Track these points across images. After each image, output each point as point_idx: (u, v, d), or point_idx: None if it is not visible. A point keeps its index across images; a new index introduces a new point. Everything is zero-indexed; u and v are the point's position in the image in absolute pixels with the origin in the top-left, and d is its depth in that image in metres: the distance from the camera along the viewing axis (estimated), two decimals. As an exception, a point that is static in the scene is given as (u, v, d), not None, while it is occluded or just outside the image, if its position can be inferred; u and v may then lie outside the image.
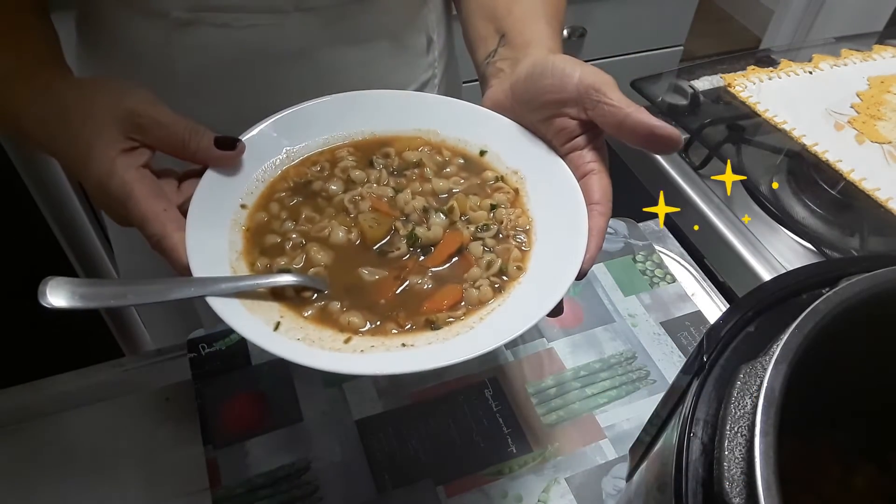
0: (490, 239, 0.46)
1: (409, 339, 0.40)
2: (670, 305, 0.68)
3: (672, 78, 0.98)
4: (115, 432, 0.56)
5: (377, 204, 0.47)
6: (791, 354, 0.29)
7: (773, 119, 0.87)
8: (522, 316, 0.39)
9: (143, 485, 0.53)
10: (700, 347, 0.36)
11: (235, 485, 0.52)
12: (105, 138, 0.40)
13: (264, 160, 0.47)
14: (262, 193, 0.46)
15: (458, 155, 0.51)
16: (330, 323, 0.40)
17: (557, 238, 0.44)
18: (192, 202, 0.41)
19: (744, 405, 0.29)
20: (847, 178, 0.78)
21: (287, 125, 0.49)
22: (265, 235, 0.44)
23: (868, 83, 0.94)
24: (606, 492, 0.53)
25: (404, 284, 0.43)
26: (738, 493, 0.26)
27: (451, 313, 0.42)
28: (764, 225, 0.79)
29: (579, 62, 0.44)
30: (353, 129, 0.51)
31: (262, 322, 0.38)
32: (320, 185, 0.48)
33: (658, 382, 0.61)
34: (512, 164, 0.50)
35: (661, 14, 1.71)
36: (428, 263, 0.44)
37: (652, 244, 0.74)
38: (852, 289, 0.32)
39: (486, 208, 0.48)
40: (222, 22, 0.53)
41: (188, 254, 0.38)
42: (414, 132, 0.52)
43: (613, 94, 0.42)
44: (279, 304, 0.40)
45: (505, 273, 0.44)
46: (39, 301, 0.36)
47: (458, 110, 0.51)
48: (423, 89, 0.67)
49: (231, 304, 0.38)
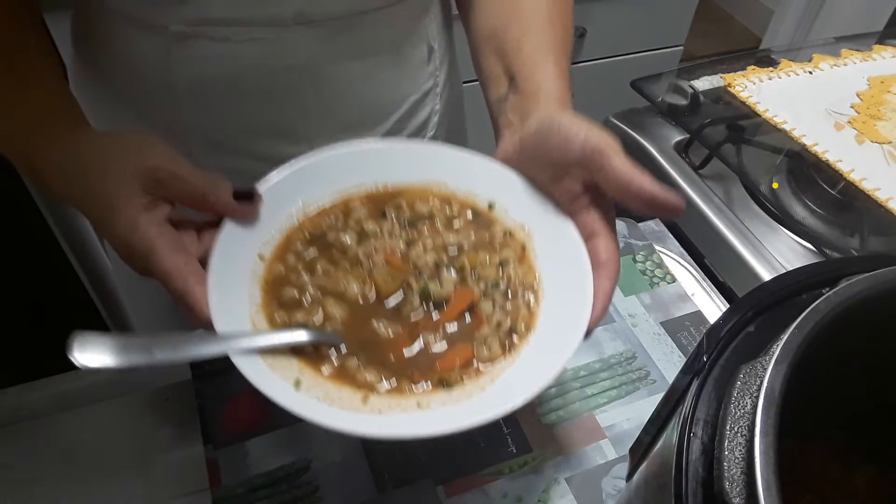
0: (500, 296, 0.46)
1: (423, 400, 0.41)
2: (670, 305, 0.68)
3: (672, 78, 0.98)
4: (115, 432, 0.56)
5: (391, 258, 0.48)
6: (791, 354, 0.29)
7: (773, 119, 0.87)
8: (532, 377, 0.40)
9: (143, 485, 0.53)
10: (700, 347, 0.36)
11: (235, 484, 0.52)
12: (126, 196, 0.41)
13: (280, 210, 0.48)
14: (278, 244, 0.47)
15: (467, 207, 0.52)
16: (348, 380, 0.41)
17: (564, 298, 0.45)
18: (212, 255, 0.42)
19: (744, 405, 0.29)
20: (847, 178, 0.78)
21: (302, 175, 0.49)
22: (283, 288, 0.45)
23: (868, 83, 0.94)
24: (606, 492, 0.53)
25: (418, 341, 0.44)
26: (738, 493, 0.26)
27: (463, 372, 0.42)
28: (764, 225, 0.79)
29: (585, 123, 0.44)
30: (365, 178, 0.52)
31: (282, 379, 0.39)
32: (335, 236, 0.48)
33: (658, 382, 0.61)
34: (519, 218, 0.50)
35: (661, 14, 1.71)
36: (440, 320, 0.45)
37: (652, 244, 0.74)
38: (852, 289, 0.32)
39: (495, 265, 0.48)
40: (221, 36, 0.52)
41: (210, 310, 0.39)
42: (425, 183, 0.52)
43: (616, 160, 0.42)
44: (298, 359, 0.41)
45: (514, 332, 0.45)
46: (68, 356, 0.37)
47: (469, 162, 0.52)
48: (425, 99, 0.67)
49: (253, 361, 0.39)
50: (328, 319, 0.44)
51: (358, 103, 0.61)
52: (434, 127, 0.70)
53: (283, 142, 0.60)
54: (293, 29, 0.53)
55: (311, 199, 0.50)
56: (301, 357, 0.41)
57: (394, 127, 0.64)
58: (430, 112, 0.68)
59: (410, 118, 0.66)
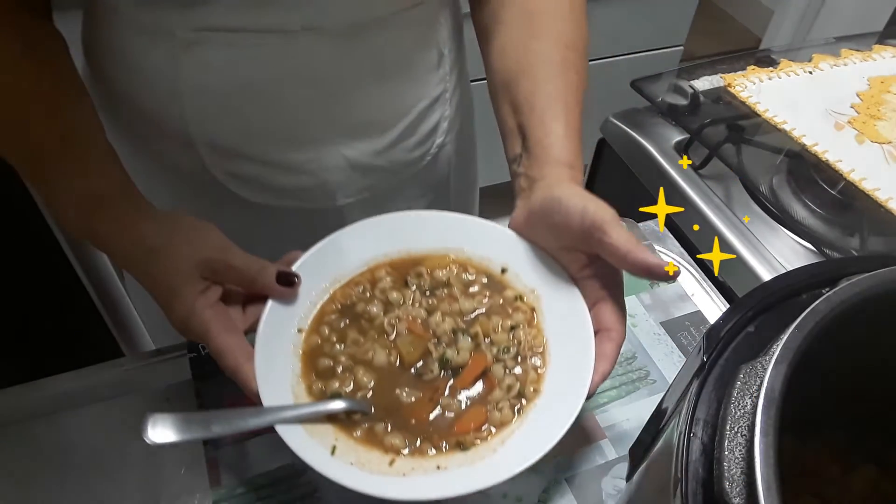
0: (510, 360, 0.51)
1: (442, 462, 0.46)
2: (670, 305, 0.68)
3: (672, 78, 0.98)
4: (115, 432, 0.56)
5: (412, 326, 0.52)
6: (791, 354, 0.29)
7: (773, 119, 0.87)
8: (539, 441, 0.44)
9: (143, 485, 0.53)
10: (700, 347, 0.36)
11: (235, 485, 0.52)
12: (185, 283, 0.46)
13: (316, 283, 0.53)
14: (314, 317, 0.52)
15: (482, 273, 0.57)
16: (376, 444, 0.46)
17: (568, 363, 0.49)
18: (259, 334, 0.47)
19: (744, 405, 0.29)
20: (847, 178, 0.78)
21: (335, 247, 0.54)
22: (319, 359, 0.50)
23: (868, 83, 0.94)
24: (606, 492, 0.53)
25: (437, 407, 0.49)
26: (738, 493, 0.26)
27: (478, 434, 0.47)
28: (764, 225, 0.79)
29: (583, 198, 0.47)
30: (390, 248, 0.57)
31: (320, 446, 0.45)
32: (363, 307, 0.53)
33: (658, 382, 0.61)
34: (530, 282, 0.55)
35: (661, 14, 1.71)
36: (457, 385, 0.50)
37: (652, 244, 0.74)
38: (852, 289, 0.32)
39: (506, 329, 0.53)
40: (229, 42, 0.52)
41: (258, 384, 0.45)
42: (444, 250, 0.57)
43: (614, 233, 0.45)
44: (333, 426, 0.47)
45: (523, 396, 0.49)
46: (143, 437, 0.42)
47: (484, 230, 0.57)
48: (435, 105, 0.66)
49: (295, 431, 0.44)
50: (358, 388, 0.49)
51: (367, 110, 0.60)
52: (444, 133, 0.69)
53: (291, 148, 0.59)
54: (301, 35, 0.53)
55: (342, 269, 0.55)
56: (336, 423, 0.47)
57: (402, 133, 0.64)
58: (439, 118, 0.67)
59: (420, 124, 0.65)
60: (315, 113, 0.58)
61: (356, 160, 0.62)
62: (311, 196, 0.63)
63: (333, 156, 0.61)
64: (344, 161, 0.61)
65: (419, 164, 0.68)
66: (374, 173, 0.64)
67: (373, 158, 0.63)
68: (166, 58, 0.53)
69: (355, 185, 0.64)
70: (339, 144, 0.60)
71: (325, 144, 0.60)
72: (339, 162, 0.61)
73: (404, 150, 0.65)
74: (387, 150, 0.63)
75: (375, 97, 0.60)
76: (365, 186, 0.64)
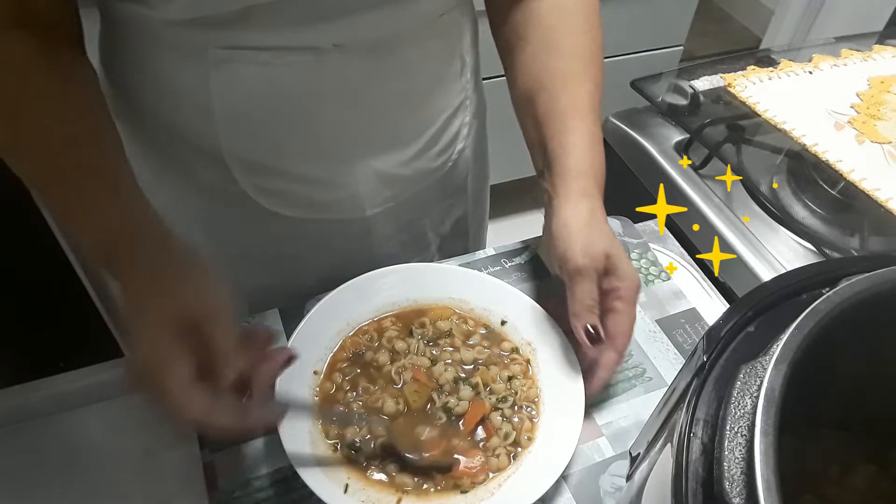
0: (507, 409, 0.55)
1: (444, 502, 0.50)
2: (665, 303, 0.68)
3: (672, 78, 0.98)
4: (115, 432, 0.56)
5: (417, 374, 0.57)
6: (791, 354, 0.29)
7: (773, 119, 0.87)
8: (533, 486, 0.49)
9: (143, 485, 0.53)
10: (700, 347, 0.36)
11: (233, 488, 0.52)
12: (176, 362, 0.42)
13: (331, 328, 0.59)
14: (328, 363, 0.58)
15: (481, 325, 0.62)
16: (386, 483, 0.51)
17: (560, 412, 0.54)
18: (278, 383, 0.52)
19: (744, 405, 0.29)
20: (847, 178, 0.78)
21: (349, 294, 0.60)
22: (333, 406, 0.55)
23: (868, 83, 0.94)
24: (604, 489, 0.53)
25: (439, 449, 0.53)
26: (738, 493, 0.26)
27: (474, 480, 0.51)
28: (764, 225, 0.79)
29: (575, 233, 0.53)
30: (398, 297, 0.62)
31: (334, 484, 0.49)
32: (371, 356, 0.58)
33: (654, 380, 0.61)
34: (526, 335, 0.60)
35: (661, 14, 1.71)
36: (459, 432, 0.54)
37: (647, 242, 0.74)
38: (852, 289, 0.32)
39: (504, 379, 0.57)
40: (261, 61, 0.52)
41: (281, 433, 0.50)
42: (448, 301, 0.63)
43: (576, 288, 0.53)
44: (346, 468, 0.51)
45: (518, 444, 0.54)
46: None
47: (485, 284, 0.63)
48: (457, 112, 0.67)
49: (311, 471, 0.49)
50: (373, 435, 0.53)
51: (396, 123, 0.61)
52: (464, 139, 0.70)
53: (322, 162, 0.60)
54: (332, 53, 0.53)
55: (354, 316, 0.60)
56: (350, 466, 0.51)
57: (428, 143, 0.65)
58: (460, 124, 0.69)
59: (443, 132, 0.66)
60: (346, 128, 0.59)
61: (384, 171, 0.63)
62: (340, 208, 0.64)
63: (363, 169, 0.62)
64: (373, 173, 0.62)
65: (442, 170, 0.69)
66: (400, 183, 0.66)
67: (400, 169, 0.64)
68: (197, 75, 0.53)
69: (382, 196, 0.65)
70: (368, 158, 0.61)
71: (356, 158, 0.61)
72: (368, 174, 0.62)
73: (429, 158, 0.66)
74: (413, 160, 0.65)
75: (405, 110, 0.61)
76: (391, 196, 0.66)
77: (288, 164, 0.59)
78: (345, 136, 0.59)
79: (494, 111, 0.78)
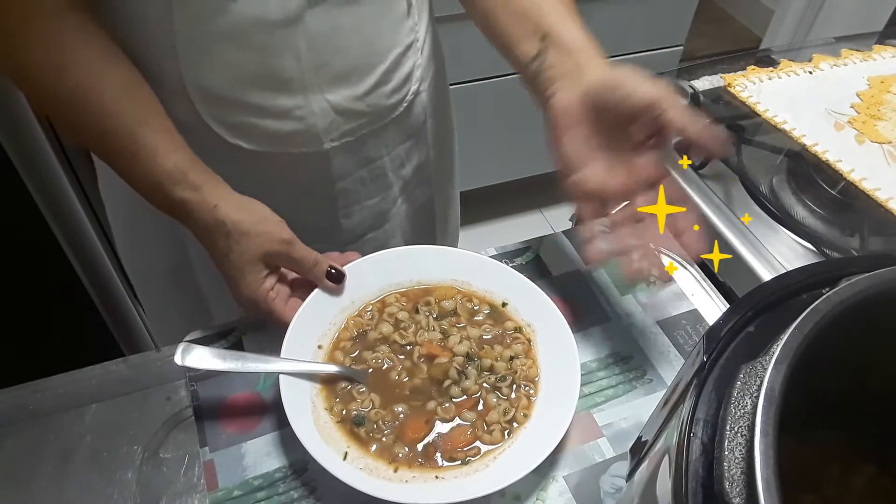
0: (506, 388, 0.58)
1: (441, 473, 0.52)
2: (667, 304, 0.68)
3: (672, 78, 0.98)
4: (116, 432, 0.56)
5: (430, 348, 0.60)
6: (791, 354, 0.29)
7: (773, 119, 0.87)
8: (526, 459, 0.51)
9: (143, 485, 0.53)
10: (700, 347, 0.36)
11: (233, 486, 0.52)
12: (251, 270, 0.57)
13: (335, 306, 0.62)
14: (333, 340, 0.61)
15: (485, 304, 0.64)
16: (385, 454, 0.53)
17: (556, 391, 0.57)
18: (301, 309, 0.59)
19: (744, 405, 0.29)
20: (847, 178, 0.78)
21: (354, 272, 0.63)
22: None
23: (868, 83, 0.94)
24: (604, 490, 0.53)
25: (437, 424, 0.56)
26: (738, 493, 0.26)
27: (470, 452, 0.54)
28: (764, 225, 0.79)
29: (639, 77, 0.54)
30: (402, 279, 0.65)
31: (333, 451, 0.52)
32: (374, 335, 0.61)
33: (655, 381, 0.61)
34: (526, 317, 0.62)
35: (661, 14, 1.71)
36: (458, 407, 0.57)
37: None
38: (852, 289, 0.32)
39: (505, 359, 0.59)
40: None
41: (285, 340, 0.57)
42: (451, 282, 0.65)
43: (671, 112, 0.53)
44: (347, 437, 0.54)
45: (514, 420, 0.56)
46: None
47: (487, 266, 0.65)
48: (407, 52, 0.70)
49: (312, 437, 0.51)
50: (375, 408, 0.56)
51: (346, 54, 0.64)
52: (418, 81, 0.73)
53: (281, 95, 0.63)
54: None
55: (359, 294, 0.63)
56: (351, 435, 0.54)
57: (380, 79, 0.68)
58: (412, 66, 0.72)
59: (395, 70, 0.69)
60: (300, 59, 0.61)
61: (338, 105, 0.66)
62: (298, 141, 0.67)
63: (318, 101, 0.65)
64: (328, 105, 0.65)
65: (397, 109, 0.72)
66: (356, 118, 0.68)
67: (354, 103, 0.67)
68: (161, 11, 0.56)
69: (339, 130, 0.68)
70: (323, 90, 0.64)
71: (310, 90, 0.64)
72: (323, 106, 0.65)
73: (382, 95, 0.69)
74: (366, 95, 0.68)
75: (354, 42, 0.64)
76: (348, 130, 0.69)
77: (249, 97, 0.62)
78: (300, 66, 0.62)
79: (496, 111, 0.78)
